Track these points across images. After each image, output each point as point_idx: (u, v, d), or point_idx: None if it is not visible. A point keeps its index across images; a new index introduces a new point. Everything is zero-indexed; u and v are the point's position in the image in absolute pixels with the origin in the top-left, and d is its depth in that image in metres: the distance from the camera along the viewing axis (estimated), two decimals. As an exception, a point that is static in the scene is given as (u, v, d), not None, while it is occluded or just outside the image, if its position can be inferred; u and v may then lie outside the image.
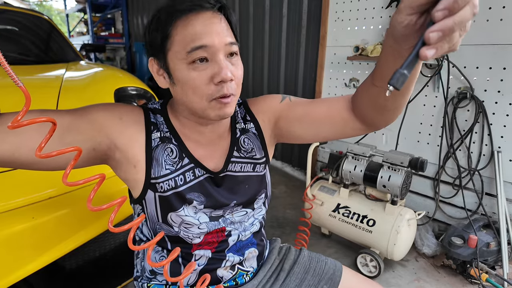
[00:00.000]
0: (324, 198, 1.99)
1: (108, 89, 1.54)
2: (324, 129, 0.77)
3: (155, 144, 0.71)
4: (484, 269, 1.63)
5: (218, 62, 0.63)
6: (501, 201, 1.75)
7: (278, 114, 0.81)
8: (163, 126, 0.74)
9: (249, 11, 3.33)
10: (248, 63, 3.48)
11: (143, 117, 0.72)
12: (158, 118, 0.75)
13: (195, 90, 0.64)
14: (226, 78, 0.63)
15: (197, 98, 0.65)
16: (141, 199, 0.72)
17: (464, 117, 1.91)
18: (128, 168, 0.70)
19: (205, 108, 0.66)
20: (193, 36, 0.62)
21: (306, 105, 0.79)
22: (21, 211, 0.98)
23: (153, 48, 0.68)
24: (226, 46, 0.65)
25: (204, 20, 0.64)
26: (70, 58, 2.21)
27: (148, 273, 0.80)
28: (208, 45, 0.62)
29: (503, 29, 1.71)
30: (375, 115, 0.70)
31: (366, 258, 1.81)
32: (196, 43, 0.62)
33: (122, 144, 0.68)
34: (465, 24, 0.39)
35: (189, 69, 0.64)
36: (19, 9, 2.46)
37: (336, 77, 2.56)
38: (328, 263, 0.92)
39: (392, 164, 1.73)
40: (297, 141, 0.83)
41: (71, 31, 8.73)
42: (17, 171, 1.05)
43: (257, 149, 0.81)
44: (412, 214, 1.75)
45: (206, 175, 0.74)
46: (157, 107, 0.76)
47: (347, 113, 0.74)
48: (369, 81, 0.66)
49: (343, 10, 2.42)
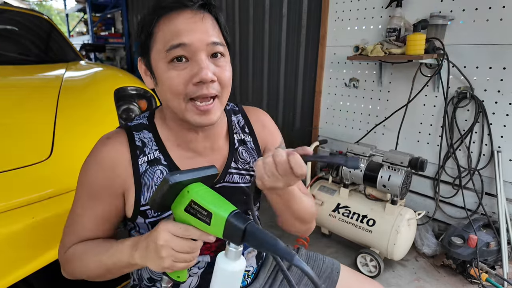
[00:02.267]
0: (324, 198, 1.99)
1: (108, 89, 1.54)
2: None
3: (143, 170, 0.69)
4: (484, 269, 1.63)
5: (198, 62, 0.61)
6: (501, 201, 1.75)
7: (267, 148, 0.82)
8: (152, 144, 0.71)
9: (249, 11, 3.33)
10: (248, 63, 3.48)
11: (127, 144, 0.70)
12: (144, 136, 0.72)
13: (172, 89, 0.62)
14: (205, 79, 0.60)
15: (175, 98, 0.63)
16: (133, 220, 0.72)
17: (464, 117, 1.91)
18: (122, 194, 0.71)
19: (183, 110, 0.64)
20: (173, 34, 0.61)
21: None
22: (21, 211, 0.98)
23: (141, 47, 0.67)
24: (208, 46, 0.62)
25: (186, 18, 0.62)
26: (70, 58, 2.21)
27: (146, 281, 0.78)
28: (187, 44, 0.60)
29: (503, 29, 1.71)
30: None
31: (366, 258, 1.81)
32: (175, 41, 0.60)
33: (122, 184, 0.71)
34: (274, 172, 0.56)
35: (169, 68, 0.62)
36: (19, 9, 2.46)
37: (336, 77, 2.56)
38: (326, 262, 0.91)
39: (392, 164, 1.73)
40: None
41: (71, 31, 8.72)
42: (17, 171, 1.05)
43: (253, 162, 0.79)
44: (412, 214, 1.75)
45: None
46: (143, 121, 0.74)
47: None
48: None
49: (343, 10, 2.42)
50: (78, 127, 1.28)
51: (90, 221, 0.70)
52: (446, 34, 1.87)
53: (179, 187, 0.54)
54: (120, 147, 0.69)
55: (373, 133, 2.34)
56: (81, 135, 1.24)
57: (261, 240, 0.50)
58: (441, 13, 1.87)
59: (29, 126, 1.24)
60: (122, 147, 0.69)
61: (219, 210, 0.52)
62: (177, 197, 0.56)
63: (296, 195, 0.67)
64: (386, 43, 1.94)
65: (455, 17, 1.85)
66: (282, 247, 0.48)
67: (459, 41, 1.86)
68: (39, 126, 1.24)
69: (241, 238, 0.51)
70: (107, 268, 0.65)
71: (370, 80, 2.33)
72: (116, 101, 1.48)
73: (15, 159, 1.09)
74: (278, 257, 0.59)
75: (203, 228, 0.54)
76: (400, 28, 1.96)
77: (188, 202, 0.54)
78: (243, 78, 3.60)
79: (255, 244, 0.50)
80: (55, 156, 1.13)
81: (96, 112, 1.41)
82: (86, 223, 0.70)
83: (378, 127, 2.29)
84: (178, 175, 0.53)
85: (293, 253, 0.46)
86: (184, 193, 0.55)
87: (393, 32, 1.97)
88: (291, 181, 0.57)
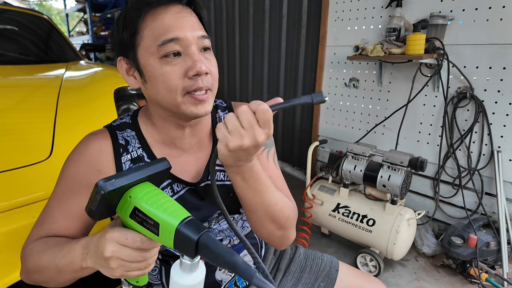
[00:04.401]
0: (324, 198, 1.99)
1: (108, 88, 1.54)
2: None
3: (127, 168, 0.69)
4: (484, 269, 1.63)
5: (192, 56, 0.61)
6: (501, 201, 1.75)
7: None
8: (135, 142, 0.71)
9: (249, 11, 3.33)
10: (248, 63, 3.48)
11: (111, 142, 0.70)
12: (128, 134, 0.71)
13: (168, 85, 0.61)
14: (201, 71, 0.60)
15: (171, 93, 0.62)
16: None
17: (464, 117, 1.91)
18: None
19: (179, 104, 0.62)
20: (164, 29, 0.61)
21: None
22: (21, 211, 0.98)
23: (122, 46, 0.65)
24: (199, 40, 0.63)
25: (174, 13, 0.62)
26: (70, 57, 2.21)
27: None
28: (180, 38, 0.60)
29: (503, 29, 1.71)
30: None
31: (366, 258, 1.81)
32: (167, 35, 0.60)
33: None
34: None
35: (162, 64, 0.61)
36: (19, 9, 2.46)
37: (336, 76, 2.56)
38: (324, 259, 0.91)
39: (392, 164, 1.73)
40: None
41: (71, 31, 8.72)
42: (17, 171, 1.05)
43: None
44: (412, 214, 1.75)
45: (186, 188, 0.72)
46: (126, 120, 0.73)
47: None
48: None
49: (343, 10, 2.42)
50: (78, 126, 1.28)
51: (62, 216, 0.67)
52: (446, 34, 1.87)
53: (117, 193, 0.47)
54: (103, 144, 0.69)
55: (373, 133, 2.34)
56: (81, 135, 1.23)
57: (217, 254, 0.43)
58: (441, 13, 1.87)
59: (29, 126, 1.24)
60: (106, 144, 0.69)
61: (168, 218, 0.45)
62: (120, 201, 0.49)
63: (263, 180, 0.63)
64: (386, 43, 1.94)
65: (455, 17, 1.85)
66: (241, 264, 0.42)
67: (459, 41, 1.86)
68: (39, 126, 1.24)
69: (195, 250, 0.44)
70: (59, 269, 0.58)
71: (370, 80, 2.33)
72: (116, 101, 1.48)
73: (15, 159, 1.09)
74: (253, 250, 0.55)
75: (152, 237, 0.48)
76: (400, 28, 1.96)
77: (132, 209, 0.47)
78: (242, 78, 3.60)
79: (210, 258, 0.44)
80: (55, 156, 1.13)
81: (96, 111, 1.41)
82: (57, 217, 0.68)
83: (378, 127, 2.29)
84: (113, 180, 0.45)
85: (253, 271, 0.42)
86: (126, 198, 0.48)
87: (393, 32, 1.97)
88: (257, 136, 0.51)
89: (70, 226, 0.68)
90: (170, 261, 0.76)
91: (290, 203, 0.71)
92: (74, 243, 0.57)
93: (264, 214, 0.66)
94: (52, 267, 0.59)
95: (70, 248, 0.57)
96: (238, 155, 0.54)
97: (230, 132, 0.52)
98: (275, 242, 0.72)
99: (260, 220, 0.67)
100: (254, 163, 0.59)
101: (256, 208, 0.65)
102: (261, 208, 0.65)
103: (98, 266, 0.52)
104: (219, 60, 3.82)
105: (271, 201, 0.65)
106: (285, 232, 0.70)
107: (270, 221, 0.67)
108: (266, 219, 0.67)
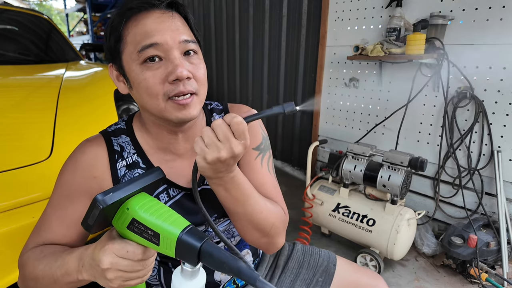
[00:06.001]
0: (324, 198, 1.99)
1: (108, 88, 1.54)
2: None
3: (122, 174, 0.69)
4: (484, 269, 1.63)
5: (172, 60, 0.60)
6: (501, 201, 1.75)
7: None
8: (130, 148, 0.71)
9: (249, 11, 3.33)
10: (248, 63, 3.48)
11: (106, 149, 0.70)
12: (122, 140, 0.71)
13: (149, 90, 0.61)
14: (181, 76, 0.59)
15: (153, 99, 0.61)
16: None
17: (464, 117, 1.91)
18: None
19: (162, 109, 0.62)
20: (144, 34, 0.60)
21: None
22: (21, 211, 0.98)
23: (110, 53, 0.65)
24: (181, 44, 0.62)
25: (155, 18, 0.61)
26: (70, 57, 2.21)
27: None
28: (160, 43, 0.60)
29: (503, 29, 1.71)
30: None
31: (366, 258, 1.81)
32: (146, 41, 0.60)
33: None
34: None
35: (142, 69, 0.61)
36: (19, 9, 2.46)
37: (336, 76, 2.56)
38: (322, 255, 0.91)
39: (392, 164, 1.73)
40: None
41: (71, 31, 8.72)
42: (17, 171, 1.05)
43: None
44: (412, 214, 1.75)
45: (182, 192, 0.71)
46: (121, 126, 0.73)
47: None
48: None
49: (343, 10, 2.42)
50: (78, 126, 1.29)
51: (58, 223, 0.67)
52: (446, 34, 1.87)
53: (115, 206, 0.48)
54: (99, 151, 0.69)
55: (373, 133, 2.34)
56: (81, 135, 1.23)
57: (221, 260, 0.43)
58: (441, 13, 1.87)
59: (29, 126, 1.24)
60: (101, 150, 0.69)
61: (169, 228, 0.46)
62: (116, 213, 0.49)
63: (246, 190, 0.63)
64: (386, 43, 1.94)
65: (455, 17, 1.85)
66: (244, 269, 0.43)
67: (459, 41, 1.86)
68: (39, 126, 1.24)
69: (197, 258, 0.45)
70: (55, 280, 0.58)
71: (370, 80, 2.33)
72: (116, 101, 1.48)
73: (15, 159, 1.09)
74: (215, 226, 0.56)
75: (152, 248, 0.48)
76: (400, 28, 1.96)
77: (130, 221, 0.48)
78: (242, 78, 3.60)
79: (214, 265, 0.44)
80: (55, 156, 1.14)
81: (96, 111, 1.41)
82: (53, 224, 0.67)
83: (378, 127, 2.29)
84: (111, 194, 0.46)
85: (256, 274, 0.43)
86: (123, 210, 0.48)
87: (393, 32, 1.97)
88: (234, 147, 0.53)
89: (66, 234, 0.68)
90: (168, 262, 0.76)
91: (276, 211, 0.70)
92: (68, 255, 0.57)
93: (247, 222, 0.66)
94: (48, 277, 0.59)
95: (64, 259, 0.57)
96: (217, 167, 0.55)
97: (207, 145, 0.53)
98: (261, 247, 0.72)
99: (244, 228, 0.67)
100: (235, 173, 0.60)
101: (239, 217, 0.65)
102: (244, 218, 0.65)
103: (94, 278, 0.53)
104: (219, 60, 3.83)
105: (254, 209, 0.65)
106: (270, 239, 0.70)
107: (255, 229, 0.67)
108: (249, 227, 0.67)
